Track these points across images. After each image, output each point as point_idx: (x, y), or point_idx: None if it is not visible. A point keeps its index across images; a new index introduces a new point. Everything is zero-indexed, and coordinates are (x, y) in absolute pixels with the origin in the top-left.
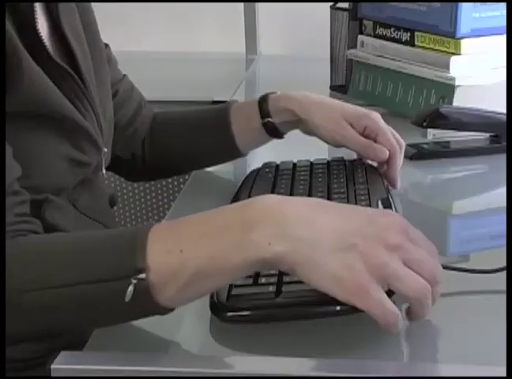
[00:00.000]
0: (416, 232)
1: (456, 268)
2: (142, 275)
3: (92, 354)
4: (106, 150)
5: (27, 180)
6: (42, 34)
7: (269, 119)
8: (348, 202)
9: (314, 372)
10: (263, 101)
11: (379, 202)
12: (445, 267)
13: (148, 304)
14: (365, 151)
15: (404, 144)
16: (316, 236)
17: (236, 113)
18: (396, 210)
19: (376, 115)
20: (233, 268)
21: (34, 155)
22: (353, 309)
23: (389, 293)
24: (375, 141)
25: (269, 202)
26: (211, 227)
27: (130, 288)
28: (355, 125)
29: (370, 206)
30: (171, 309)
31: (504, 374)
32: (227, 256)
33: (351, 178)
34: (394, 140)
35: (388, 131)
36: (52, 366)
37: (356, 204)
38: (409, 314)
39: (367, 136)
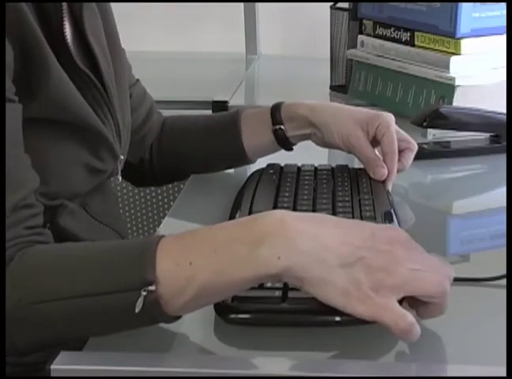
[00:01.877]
0: (419, 246)
1: (456, 278)
2: (152, 288)
3: (92, 354)
4: (122, 157)
5: (46, 187)
6: (68, 39)
7: (281, 126)
8: (352, 211)
9: (314, 372)
10: (276, 108)
11: (382, 215)
12: None
13: (156, 314)
14: (367, 164)
15: (416, 145)
16: (324, 251)
17: (247, 120)
18: (399, 224)
19: (388, 116)
20: (241, 282)
21: (54, 162)
22: (356, 321)
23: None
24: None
25: (277, 217)
26: (220, 241)
27: (140, 300)
28: (369, 128)
29: (374, 217)
30: (178, 318)
31: (504, 374)
32: (236, 270)
33: (355, 187)
34: (396, 145)
35: (393, 134)
36: (52, 366)
37: (361, 214)
38: (426, 313)
39: (375, 136)
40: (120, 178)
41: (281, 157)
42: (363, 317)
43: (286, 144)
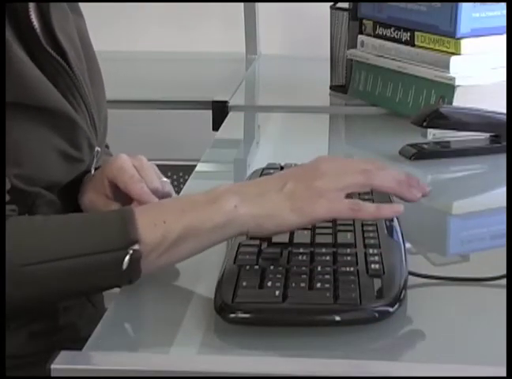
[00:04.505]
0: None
1: (456, 278)
2: (136, 246)
3: (92, 354)
4: (99, 149)
5: (19, 168)
6: (36, 26)
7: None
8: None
9: (314, 372)
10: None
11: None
12: (445, 278)
13: (133, 272)
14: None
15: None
16: (263, 188)
17: None
18: (399, 224)
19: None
20: (207, 234)
21: (27, 145)
22: (357, 321)
23: None
24: None
25: (227, 185)
26: (185, 203)
27: (127, 258)
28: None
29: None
30: (139, 277)
31: (504, 374)
32: (201, 224)
33: None
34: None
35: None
36: (52, 366)
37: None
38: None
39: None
40: (93, 171)
41: (281, 157)
42: (324, 217)
43: None
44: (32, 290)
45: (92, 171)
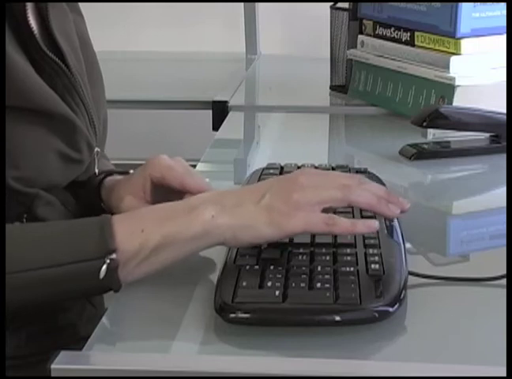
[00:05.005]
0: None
1: (456, 278)
2: (114, 256)
3: (92, 354)
4: (99, 150)
5: (18, 171)
6: (33, 27)
7: None
8: (352, 211)
9: (313, 372)
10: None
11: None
12: (445, 278)
13: (112, 281)
14: None
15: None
16: (241, 199)
17: None
18: (399, 224)
19: None
20: (185, 243)
21: (25, 148)
22: (357, 321)
23: None
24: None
25: (207, 193)
26: (165, 211)
27: (104, 267)
28: None
29: (375, 217)
30: (120, 286)
31: (504, 374)
32: (179, 233)
33: None
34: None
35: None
36: (52, 366)
37: (361, 213)
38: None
39: None
40: (97, 171)
41: (281, 157)
42: (299, 231)
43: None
44: (17, 297)
45: (96, 172)
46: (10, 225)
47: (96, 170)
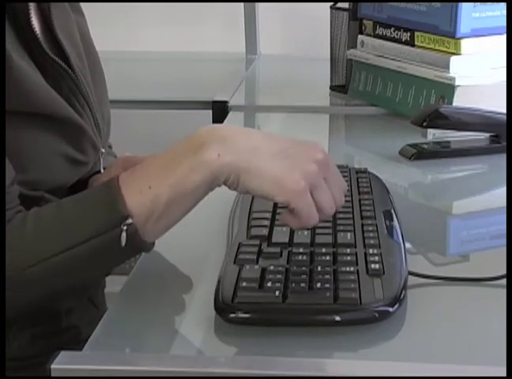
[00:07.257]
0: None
1: (456, 278)
2: (129, 221)
3: (92, 354)
4: (104, 150)
5: (24, 175)
6: (37, 30)
7: None
8: (352, 211)
9: (313, 372)
10: None
11: (382, 214)
12: (445, 278)
13: (137, 243)
14: None
15: None
16: (257, 145)
17: None
18: (399, 224)
19: None
20: (195, 188)
21: (28, 151)
22: (357, 321)
23: None
24: None
25: (208, 128)
26: (167, 160)
27: (123, 235)
28: None
29: (375, 217)
30: (153, 244)
31: (504, 374)
32: (187, 179)
33: (355, 187)
34: None
35: None
36: (52, 366)
37: (361, 213)
38: (290, 218)
39: None
40: (102, 170)
41: None
42: (287, 201)
43: None
44: (35, 292)
45: (102, 171)
46: (23, 219)
47: (102, 169)
